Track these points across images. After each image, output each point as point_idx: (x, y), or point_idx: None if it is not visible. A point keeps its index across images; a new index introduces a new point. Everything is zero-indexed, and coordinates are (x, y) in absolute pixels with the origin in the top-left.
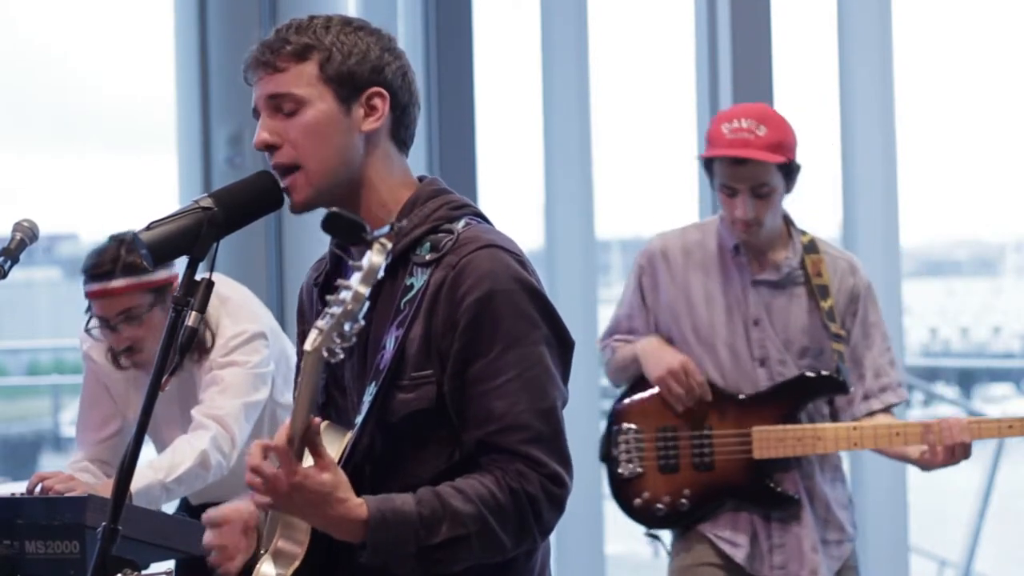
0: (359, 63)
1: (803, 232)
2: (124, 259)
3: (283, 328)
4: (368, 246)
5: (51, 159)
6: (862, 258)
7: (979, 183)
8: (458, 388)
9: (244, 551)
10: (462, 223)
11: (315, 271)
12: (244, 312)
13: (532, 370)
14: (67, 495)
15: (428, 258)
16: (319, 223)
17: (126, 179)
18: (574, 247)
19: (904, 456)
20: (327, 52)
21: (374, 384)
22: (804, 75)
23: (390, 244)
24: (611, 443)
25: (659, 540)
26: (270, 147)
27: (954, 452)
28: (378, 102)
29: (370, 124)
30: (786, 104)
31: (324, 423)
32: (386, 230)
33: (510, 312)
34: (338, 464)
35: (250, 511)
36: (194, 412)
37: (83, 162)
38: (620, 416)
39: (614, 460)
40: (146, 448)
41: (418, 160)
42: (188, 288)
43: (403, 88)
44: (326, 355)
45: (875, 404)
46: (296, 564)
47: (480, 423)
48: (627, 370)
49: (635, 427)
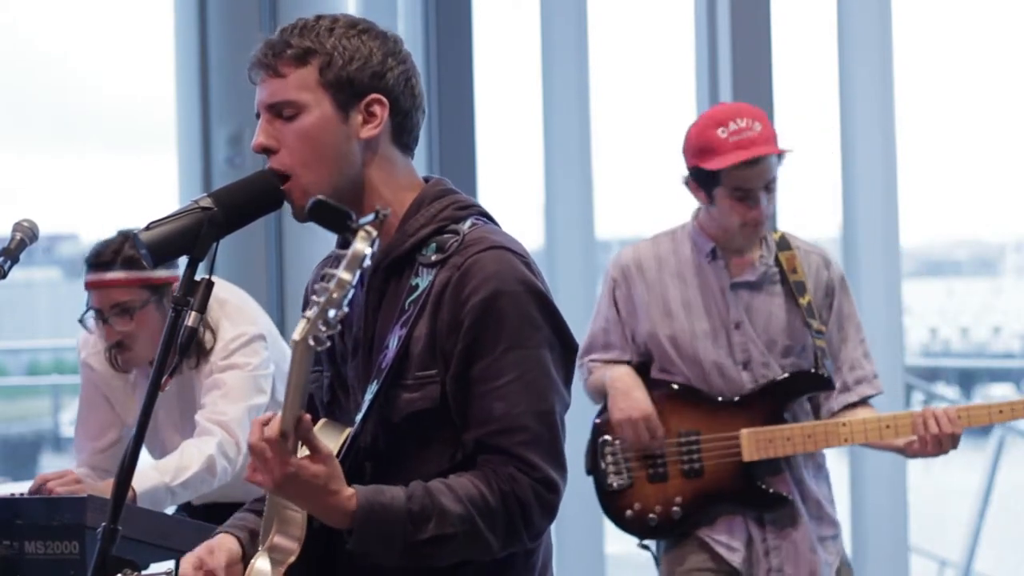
0: (359, 69)
1: (774, 229)
2: (125, 252)
3: (283, 328)
4: (354, 234)
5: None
6: (862, 258)
7: (979, 183)
8: (460, 388)
9: None
10: (468, 224)
11: (321, 269)
12: (242, 315)
13: (532, 372)
14: (67, 496)
15: (434, 259)
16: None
17: (126, 179)
18: (574, 247)
19: (889, 445)
20: (327, 57)
21: (376, 382)
22: (804, 75)
23: (375, 232)
24: (597, 456)
25: (649, 550)
26: (267, 150)
27: (941, 442)
28: (377, 109)
29: (368, 131)
30: (786, 104)
31: (322, 421)
32: (371, 218)
33: (514, 314)
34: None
35: (226, 550)
36: (198, 417)
37: (83, 162)
38: (604, 429)
39: (602, 473)
40: (144, 455)
41: (418, 160)
42: (188, 288)
43: (405, 93)
44: (312, 343)
45: (852, 397)
46: (291, 559)
47: (479, 423)
48: (601, 394)
49: (620, 439)
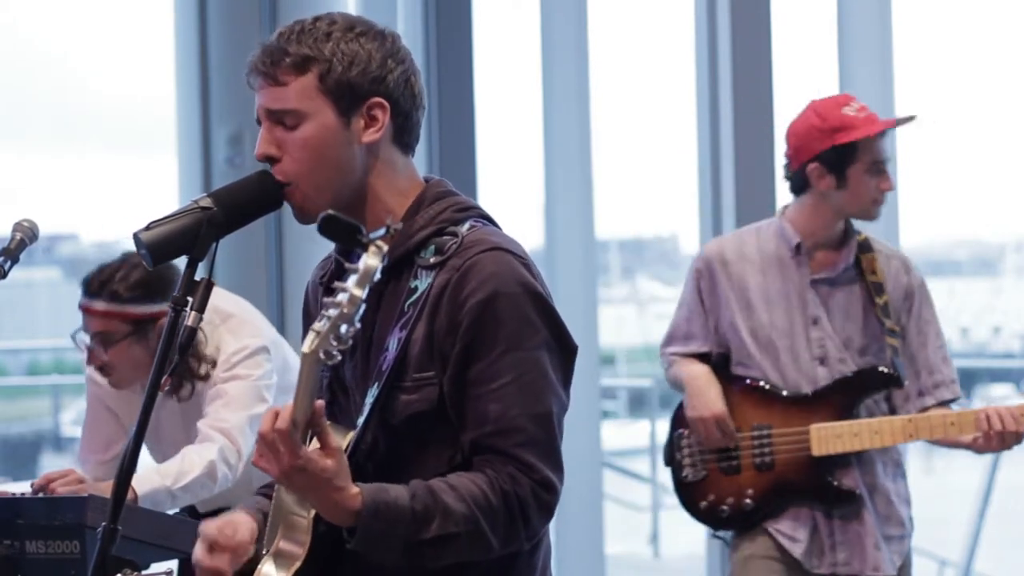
0: (360, 74)
1: (857, 232)
2: (113, 284)
3: (283, 328)
4: (365, 249)
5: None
6: None
7: (979, 183)
8: (457, 389)
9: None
10: (467, 225)
11: (321, 269)
12: (246, 328)
13: (530, 374)
14: (67, 495)
15: (432, 261)
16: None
17: (126, 179)
18: (574, 247)
19: (957, 442)
20: (327, 63)
21: (376, 385)
22: (804, 75)
23: (386, 247)
24: (674, 448)
25: (724, 540)
26: (270, 159)
27: (1004, 439)
28: (379, 113)
29: (370, 135)
30: (786, 104)
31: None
32: (382, 232)
33: (512, 316)
34: None
35: (249, 528)
36: (200, 424)
37: (83, 162)
38: (682, 422)
39: (678, 465)
40: (147, 457)
41: (418, 160)
42: (187, 288)
43: (405, 95)
44: (323, 357)
45: (928, 400)
46: (297, 565)
47: (475, 425)
48: (679, 388)
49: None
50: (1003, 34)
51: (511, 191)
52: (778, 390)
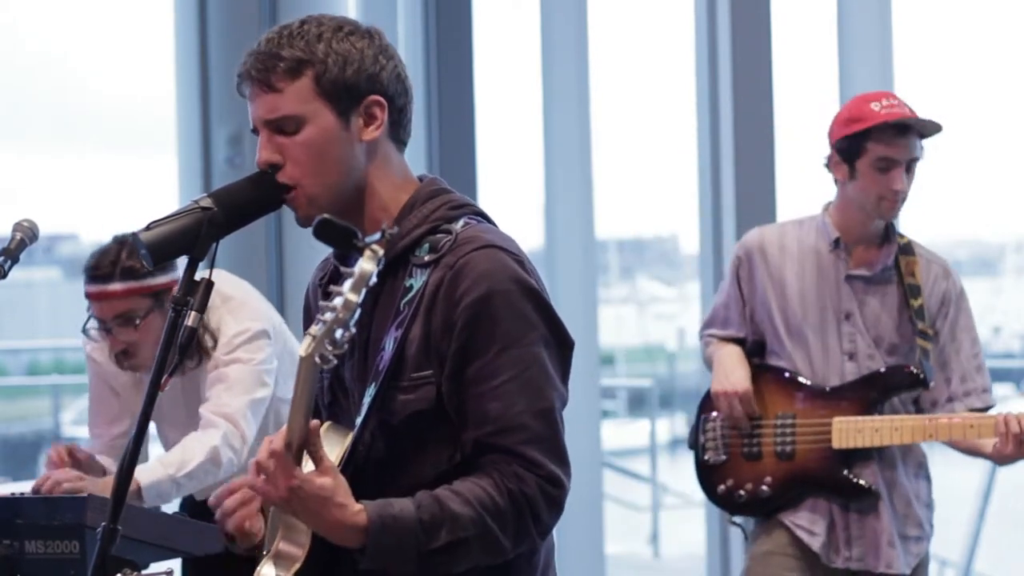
0: (355, 73)
1: (901, 235)
2: (123, 262)
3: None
4: (360, 253)
5: (51, 159)
6: None
7: (979, 183)
8: (456, 389)
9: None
10: (461, 223)
11: (320, 271)
12: (247, 310)
13: (529, 371)
14: (67, 495)
15: (427, 259)
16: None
17: (126, 179)
18: (574, 247)
19: (978, 449)
20: (322, 65)
21: (374, 385)
22: (804, 75)
23: (381, 251)
24: (699, 430)
25: (741, 527)
26: (273, 166)
27: (1022, 444)
28: (376, 110)
29: (370, 133)
30: (786, 104)
31: (327, 424)
32: (377, 237)
33: (508, 313)
34: (340, 465)
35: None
36: (202, 410)
37: (83, 162)
38: (708, 405)
39: (701, 447)
40: (156, 447)
41: (418, 160)
42: (187, 288)
43: (398, 89)
44: (319, 361)
45: (957, 407)
46: (297, 566)
47: (477, 424)
48: (712, 366)
49: (721, 416)
50: (1003, 35)
51: (511, 191)
52: (806, 381)
